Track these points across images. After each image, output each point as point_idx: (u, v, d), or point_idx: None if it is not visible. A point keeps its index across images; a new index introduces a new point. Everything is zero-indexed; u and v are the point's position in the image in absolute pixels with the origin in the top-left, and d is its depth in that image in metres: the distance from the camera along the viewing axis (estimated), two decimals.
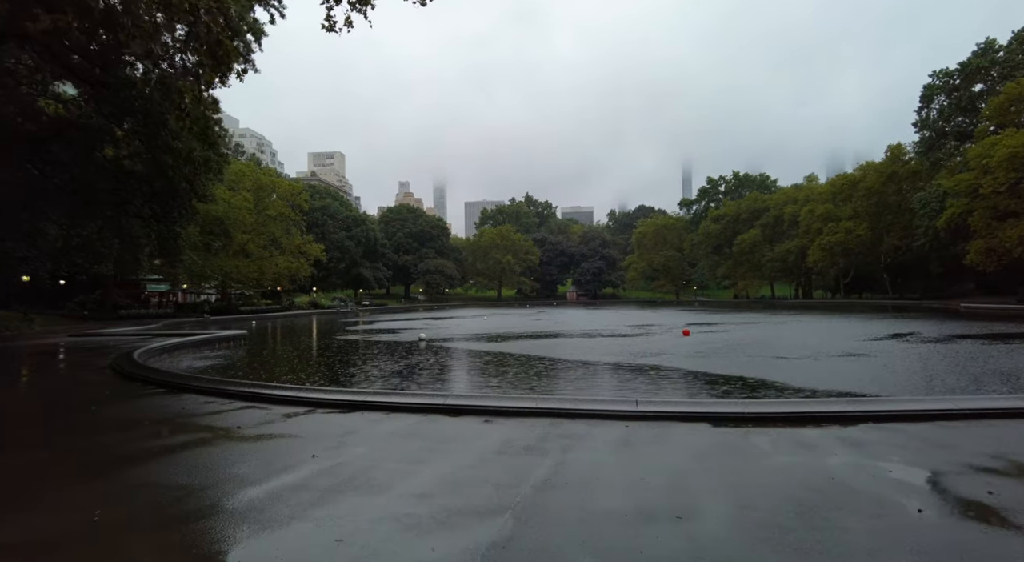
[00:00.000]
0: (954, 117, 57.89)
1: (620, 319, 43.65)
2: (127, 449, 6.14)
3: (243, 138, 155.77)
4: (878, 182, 76.09)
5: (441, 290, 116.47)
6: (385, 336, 28.51)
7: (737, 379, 12.42)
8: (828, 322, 34.97)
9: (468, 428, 6.81)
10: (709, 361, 15.69)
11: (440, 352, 20.33)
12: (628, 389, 11.43)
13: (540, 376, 13.55)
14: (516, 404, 7.43)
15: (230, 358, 20.02)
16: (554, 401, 7.47)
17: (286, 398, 8.61)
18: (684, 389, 11.39)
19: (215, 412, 8.16)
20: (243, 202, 56.13)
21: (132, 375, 11.57)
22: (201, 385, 9.86)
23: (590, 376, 13.60)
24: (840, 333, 25.85)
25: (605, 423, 6.81)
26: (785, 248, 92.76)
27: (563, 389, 11.41)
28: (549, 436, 6.26)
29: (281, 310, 64.63)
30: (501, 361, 16.76)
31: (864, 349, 18.45)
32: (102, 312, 46.20)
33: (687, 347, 20.22)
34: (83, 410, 8.52)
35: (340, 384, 12.76)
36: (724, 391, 10.97)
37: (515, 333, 29.35)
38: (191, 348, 22.07)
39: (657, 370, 14.22)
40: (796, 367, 14.32)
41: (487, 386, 11.81)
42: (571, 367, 15.20)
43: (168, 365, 17.45)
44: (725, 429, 6.49)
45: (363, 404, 8.02)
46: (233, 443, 6.32)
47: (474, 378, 13.30)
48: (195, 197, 18.89)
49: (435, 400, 7.80)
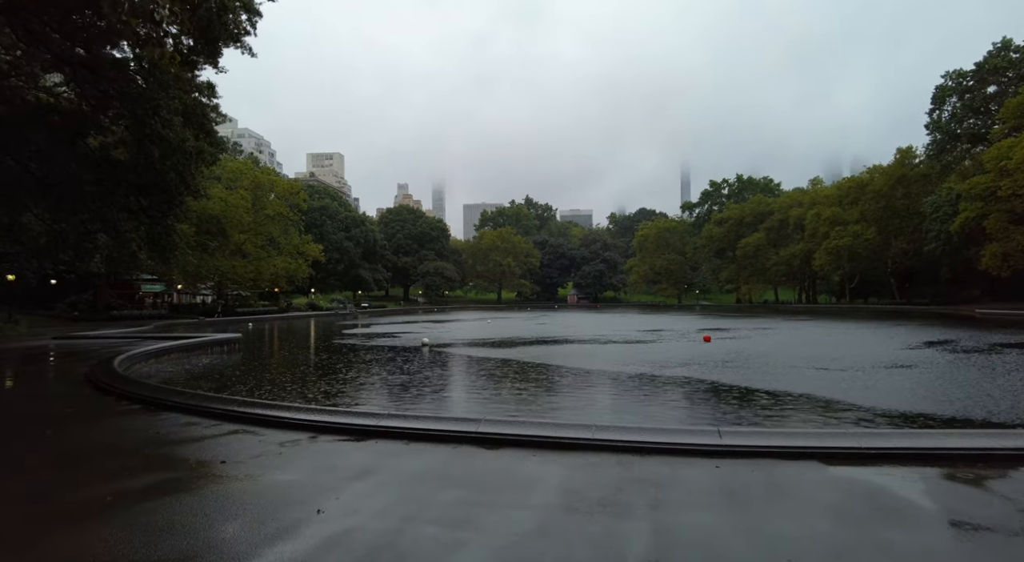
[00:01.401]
0: (967, 119, 56.66)
1: (627, 323, 42.26)
2: (70, 498, 4.68)
3: (241, 138, 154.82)
4: (886, 185, 74.94)
5: (441, 292, 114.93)
6: (386, 341, 27.06)
7: (787, 395, 11.01)
8: (848, 328, 33.60)
9: (514, 467, 5.37)
10: (745, 373, 14.27)
11: (447, 359, 18.89)
12: (675, 407, 10.02)
13: (567, 390, 12.14)
14: (569, 434, 6.00)
15: (222, 365, 18.54)
16: (616, 431, 6.03)
17: (283, 421, 7.17)
18: (738, 408, 9.97)
19: (196, 438, 6.71)
20: (240, 201, 54.63)
21: (106, 387, 10.11)
22: (183, 401, 8.41)
23: (625, 391, 12.19)
24: (868, 341, 24.47)
25: (688, 462, 5.38)
26: (790, 252, 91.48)
27: (601, 406, 9.99)
28: (624, 483, 4.83)
29: (279, 312, 63.07)
30: (517, 371, 15.34)
31: (908, 359, 17.05)
32: (94, 313, 44.70)
33: (713, 355, 18.81)
34: (34, 434, 7.06)
35: (343, 399, 11.31)
36: (788, 411, 9.55)
37: (522, 338, 27.92)
38: (181, 353, 20.58)
39: (692, 383, 12.82)
40: (847, 380, 12.90)
41: (516, 404, 10.37)
42: (597, 379, 13.79)
43: (153, 372, 15.98)
44: (845, 470, 5.07)
45: (377, 430, 6.58)
46: (213, 487, 4.88)
47: (493, 393, 11.86)
48: (186, 191, 17.42)
49: (465, 426, 6.36)
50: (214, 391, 11.42)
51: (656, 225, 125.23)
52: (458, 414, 8.64)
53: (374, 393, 11.99)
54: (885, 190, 75.17)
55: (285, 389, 12.52)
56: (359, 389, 12.52)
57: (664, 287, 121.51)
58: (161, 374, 15.71)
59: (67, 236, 19.88)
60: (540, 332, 32.54)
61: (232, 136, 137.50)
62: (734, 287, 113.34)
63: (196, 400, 8.40)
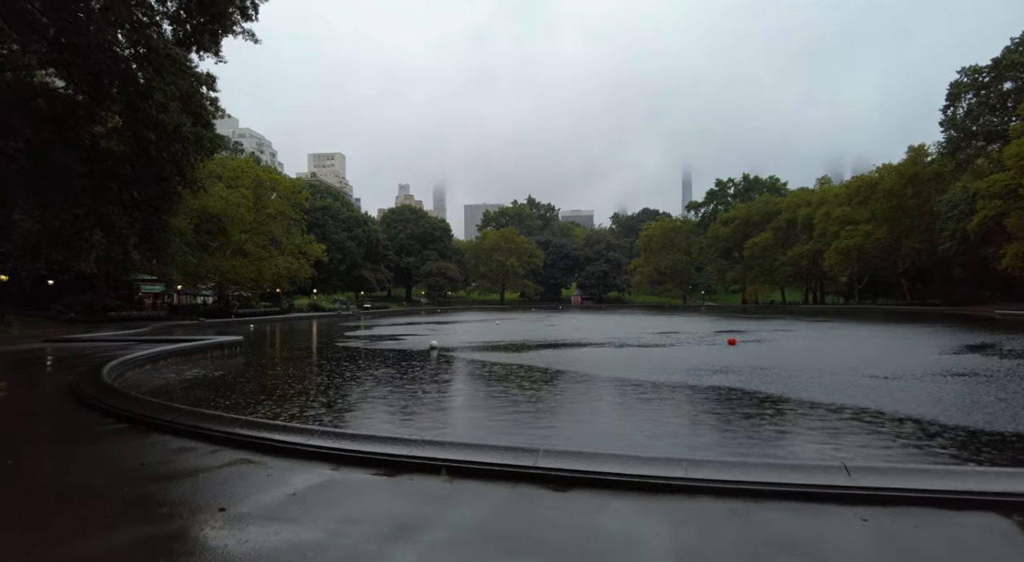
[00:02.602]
0: (983, 115, 55.41)
1: (638, 325, 41.04)
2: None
3: (243, 138, 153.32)
4: (898, 184, 73.75)
5: (443, 293, 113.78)
6: (392, 344, 25.85)
7: (864, 411, 9.79)
8: (872, 331, 32.36)
9: (597, 520, 4.16)
10: (792, 383, 13.04)
11: (462, 366, 17.69)
12: (743, 428, 8.81)
13: (611, 405, 10.96)
14: (655, 472, 4.79)
15: (222, 371, 17.36)
16: (714, 467, 4.82)
17: (295, 447, 5.96)
18: (816, 429, 8.74)
19: (189, 472, 5.51)
20: (241, 199, 53.44)
21: (91, 401, 8.91)
22: (177, 420, 7.21)
23: (673, 406, 10.99)
24: (900, 344, 23.24)
25: (820, 511, 4.18)
26: (798, 252, 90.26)
27: (660, 426, 8.78)
28: (757, 547, 3.62)
29: (280, 313, 61.88)
30: (547, 381, 14.14)
31: (959, 366, 15.82)
32: (91, 314, 43.49)
33: (745, 361, 17.59)
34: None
35: (358, 414, 10.12)
36: (875, 436, 8.35)
37: (534, 341, 26.70)
38: (178, 358, 19.39)
39: (742, 396, 11.62)
40: (906, 391, 11.65)
41: (561, 423, 9.17)
42: (634, 390, 12.59)
43: (146, 380, 14.78)
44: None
45: (411, 462, 5.37)
46: (208, 556, 3.67)
47: (529, 408, 10.66)
48: (183, 182, 16.20)
49: (521, 458, 5.15)
50: (213, 406, 10.22)
51: (661, 225, 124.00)
52: (502, 438, 7.42)
53: (391, 407, 10.79)
54: (896, 189, 73.97)
55: (292, 401, 11.33)
56: (373, 402, 11.33)
57: (669, 287, 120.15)
58: (154, 383, 14.53)
59: (59, 234, 18.70)
60: (551, 335, 31.33)
61: (233, 136, 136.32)
62: (740, 288, 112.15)
63: (192, 419, 7.20)
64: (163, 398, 11.54)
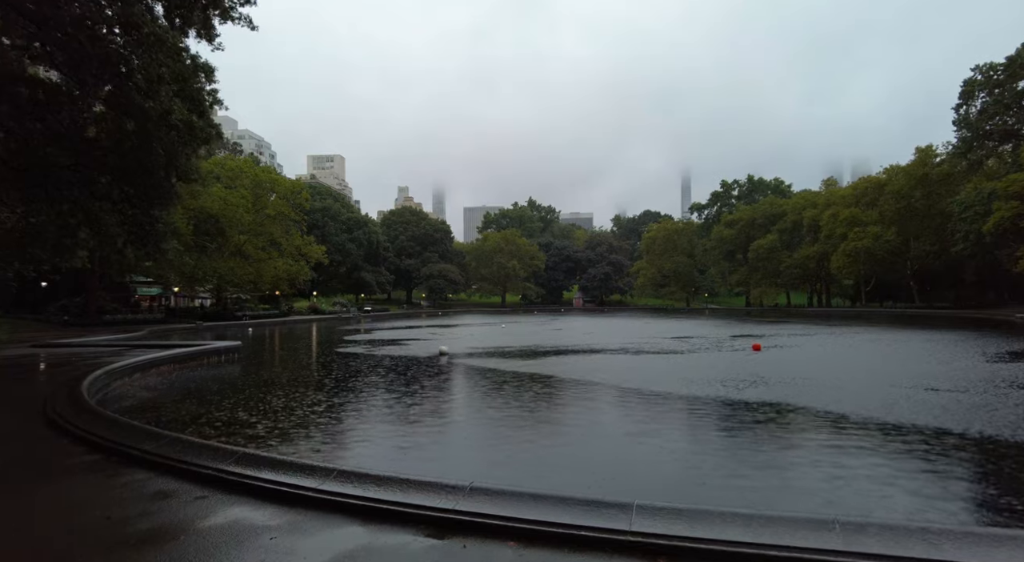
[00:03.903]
0: (999, 114, 54.22)
1: (647, 329, 39.73)
2: None
3: (242, 139, 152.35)
4: (907, 185, 72.57)
5: (444, 295, 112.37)
6: (398, 350, 24.53)
7: (992, 439, 8.53)
8: (896, 336, 31.09)
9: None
10: (848, 397, 11.76)
11: (476, 376, 16.37)
12: (844, 467, 7.54)
13: (663, 431, 9.68)
14: (800, 543, 3.51)
15: (217, 381, 16.06)
16: (880, 534, 3.55)
17: (306, 495, 4.67)
18: (933, 471, 7.46)
19: (167, 532, 4.21)
20: (240, 200, 52.12)
21: (63, 426, 7.61)
22: (158, 452, 5.92)
23: (733, 429, 9.71)
24: (939, 351, 21.87)
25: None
26: (805, 254, 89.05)
27: (742, 461, 7.49)
28: None
29: (280, 315, 60.51)
30: (582, 397, 12.87)
31: (1020, 375, 14.55)
32: (85, 317, 42.15)
33: (778, 369, 16.30)
34: None
35: (374, 439, 8.81)
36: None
37: (545, 347, 25.39)
38: (171, 365, 18.08)
39: (811, 414, 10.37)
40: (982, 409, 10.40)
41: (614, 453, 7.86)
42: (678, 406, 11.32)
43: (133, 392, 13.46)
44: None
45: (463, 520, 4.09)
46: None
47: (570, 430, 9.37)
48: (175, 174, 14.88)
49: (610, 519, 3.86)
50: (203, 424, 8.91)
51: (664, 227, 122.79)
52: (562, 477, 6.11)
53: (413, 430, 9.49)
54: (905, 190, 72.82)
55: (295, 419, 10.03)
56: (390, 422, 10.03)
57: (672, 290, 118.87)
58: (142, 396, 13.23)
59: (43, 230, 17.38)
60: (562, 340, 30.04)
61: (232, 137, 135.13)
62: (744, 290, 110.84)
63: (177, 450, 5.90)
64: (149, 415, 10.28)
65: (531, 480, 6.08)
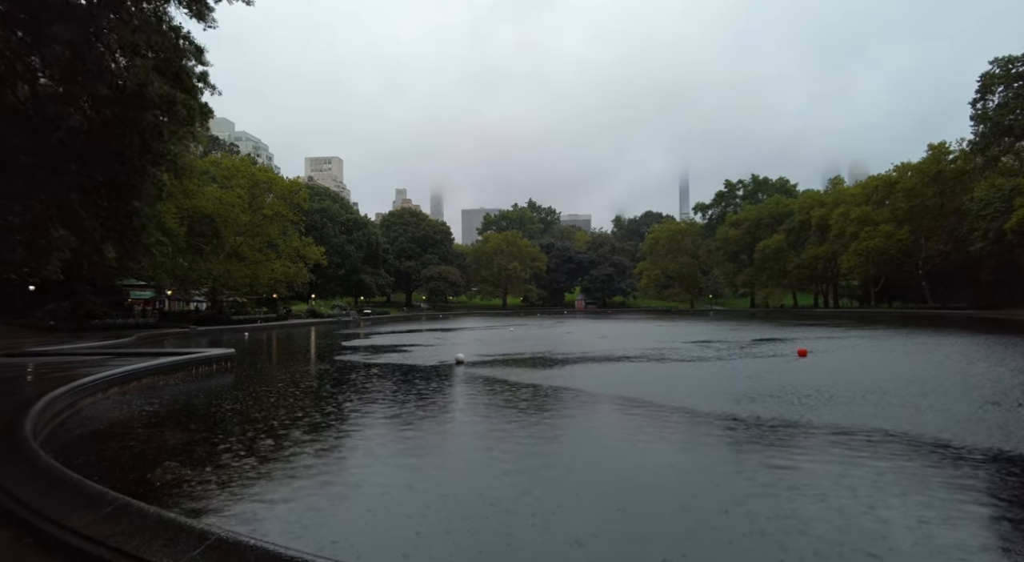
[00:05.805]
0: (1020, 108, 52.54)
1: (663, 333, 37.88)
2: None
3: (239, 141, 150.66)
4: (919, 183, 70.91)
5: (445, 298, 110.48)
6: (405, 358, 22.63)
7: None
8: (932, 339, 29.25)
9: None
10: (942, 419, 9.99)
11: (499, 389, 14.47)
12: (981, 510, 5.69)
13: (747, 471, 7.88)
14: None
15: (204, 397, 14.17)
16: None
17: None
18: None
19: None
20: (236, 199, 50.22)
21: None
22: (89, 531, 4.05)
23: (877, 473, 7.90)
24: (997, 356, 20.03)
25: None
26: (813, 254, 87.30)
27: (864, 514, 5.65)
28: None
29: (277, 319, 58.61)
30: (651, 420, 11.05)
31: None
32: (72, 322, 40.19)
33: (841, 382, 14.41)
34: None
35: (400, 488, 6.96)
36: None
37: (564, 354, 23.50)
38: (155, 377, 16.17)
39: (952, 454, 8.54)
40: None
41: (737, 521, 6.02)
42: (767, 437, 9.49)
43: (102, 414, 11.54)
44: None
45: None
46: None
47: (668, 480, 7.55)
48: (152, 160, 12.97)
49: None
50: (174, 473, 7.00)
51: (667, 227, 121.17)
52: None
53: (438, 482, 7.64)
54: (917, 188, 71.15)
55: (292, 455, 8.16)
56: (421, 468, 8.17)
57: (676, 291, 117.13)
58: (111, 417, 11.34)
59: (10, 228, 15.47)
60: (577, 345, 28.17)
61: (229, 138, 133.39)
62: (749, 291, 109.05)
63: (119, 528, 4.02)
64: (111, 447, 8.39)
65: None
